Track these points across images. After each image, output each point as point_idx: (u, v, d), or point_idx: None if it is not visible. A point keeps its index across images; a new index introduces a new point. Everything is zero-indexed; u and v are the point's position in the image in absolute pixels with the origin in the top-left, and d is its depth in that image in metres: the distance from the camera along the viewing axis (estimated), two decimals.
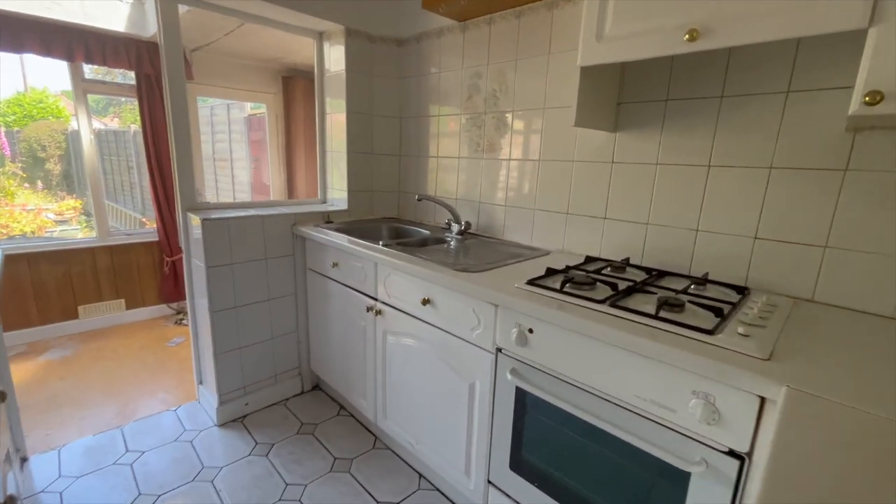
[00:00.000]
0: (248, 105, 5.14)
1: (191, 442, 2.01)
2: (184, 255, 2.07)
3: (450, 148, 2.20)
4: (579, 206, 1.70)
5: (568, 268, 1.42)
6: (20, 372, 2.77)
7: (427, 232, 2.18)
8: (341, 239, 1.89)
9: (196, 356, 2.20)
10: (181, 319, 3.67)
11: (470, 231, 2.10)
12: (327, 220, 2.28)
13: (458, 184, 2.18)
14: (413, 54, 2.31)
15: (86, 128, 3.27)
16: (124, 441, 2.01)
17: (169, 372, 2.81)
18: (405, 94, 2.41)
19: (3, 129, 10.53)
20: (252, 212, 2.11)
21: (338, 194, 2.47)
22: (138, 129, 3.58)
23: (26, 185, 8.39)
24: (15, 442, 1.74)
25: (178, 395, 2.49)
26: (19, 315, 3.14)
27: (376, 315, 1.75)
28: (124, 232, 3.58)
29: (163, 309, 3.79)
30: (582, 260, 1.60)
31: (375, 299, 1.77)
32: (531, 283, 1.27)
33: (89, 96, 3.30)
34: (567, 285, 1.23)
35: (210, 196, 5.65)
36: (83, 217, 7.81)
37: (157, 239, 3.66)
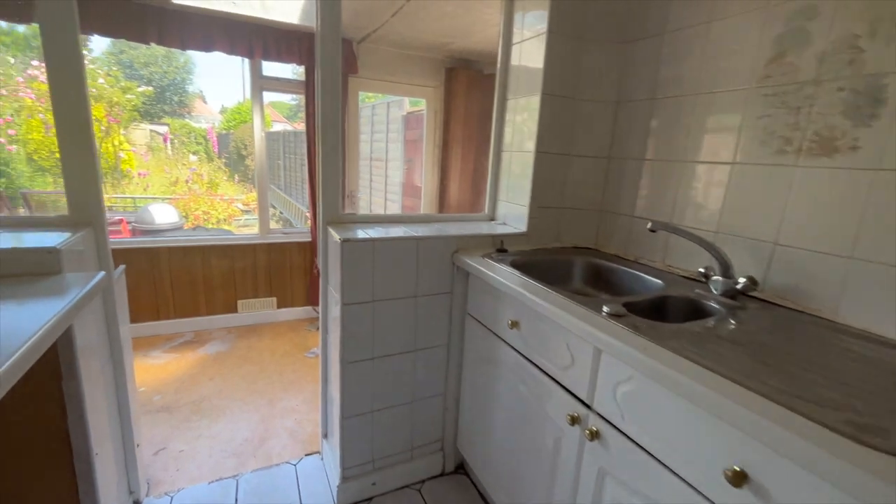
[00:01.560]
0: (407, 103, 4.91)
1: None
2: (321, 279, 1.64)
3: (712, 147, 1.32)
4: None
5: None
6: (182, 363, 2.82)
7: (658, 282, 1.34)
8: (529, 288, 1.19)
9: (323, 405, 1.77)
10: None
11: (753, 293, 1.19)
12: (500, 247, 1.61)
13: (725, 208, 1.29)
14: (653, 2, 1.49)
15: (258, 127, 3.26)
16: (236, 497, 1.67)
17: (303, 392, 2.55)
18: (631, 64, 1.59)
19: (215, 130, 12.86)
20: (403, 231, 1.56)
21: (512, 209, 1.79)
22: None
23: (225, 178, 10.01)
24: (129, 484, 1.49)
25: (305, 430, 2.16)
26: (191, 304, 3.28)
27: (588, 435, 1.00)
28: (281, 231, 3.55)
29: (308, 311, 3.69)
30: None
31: (588, 407, 1.02)
32: None
33: (283, 103, 3.31)
34: None
35: (363, 195, 5.67)
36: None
37: (309, 240, 3.55)
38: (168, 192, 8.01)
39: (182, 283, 3.22)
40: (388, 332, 1.51)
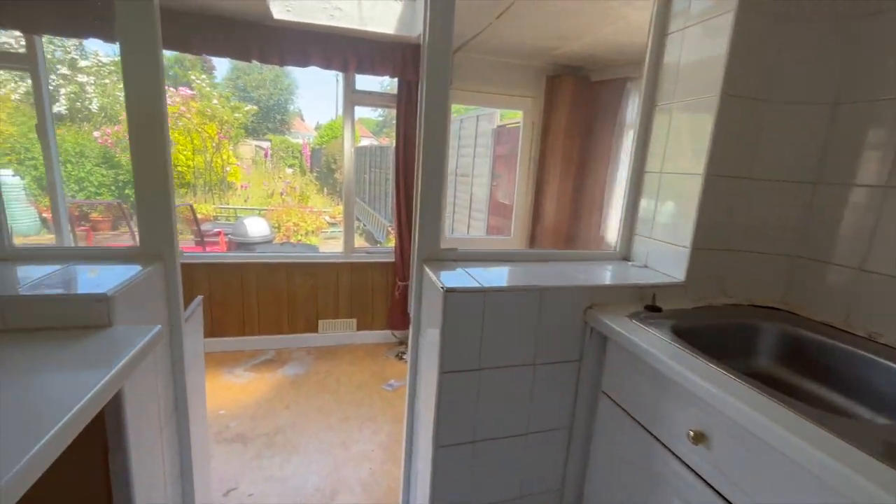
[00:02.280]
0: (498, 115, 4.61)
1: None
2: (411, 328, 1.34)
3: None
4: None
5: None
6: (261, 385, 2.72)
7: None
8: (735, 391, 0.76)
9: (406, 480, 1.46)
10: (402, 354, 3.25)
11: None
12: (651, 303, 1.18)
13: None
14: None
15: (349, 141, 3.15)
16: None
17: (378, 433, 2.30)
18: (864, 48, 1.09)
19: (309, 146, 13.67)
20: (519, 275, 1.21)
21: (658, 249, 1.35)
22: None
23: (315, 191, 10.52)
24: None
25: (380, 485, 1.89)
26: (274, 322, 3.23)
27: None
28: (365, 250, 3.39)
29: (387, 335, 3.48)
30: None
31: None
32: None
33: (370, 119, 3.21)
34: None
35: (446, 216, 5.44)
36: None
37: (392, 260, 3.35)
38: (265, 203, 8.57)
39: (267, 300, 3.18)
40: (496, 408, 1.15)
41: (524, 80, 3.32)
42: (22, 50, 2.49)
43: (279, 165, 12.17)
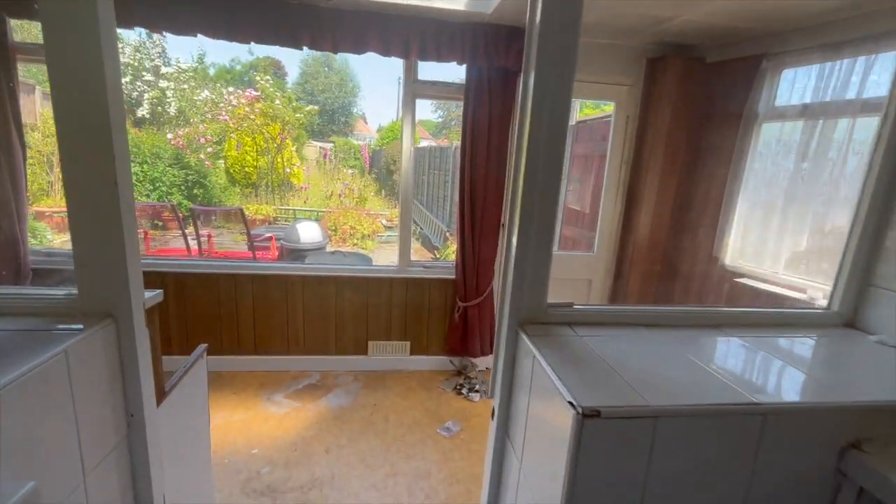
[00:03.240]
0: (577, 109, 4.01)
1: None
2: (493, 427, 0.86)
3: None
4: None
5: None
6: (301, 418, 2.38)
7: None
8: None
9: None
10: (461, 387, 2.79)
11: None
12: None
13: None
14: None
15: (408, 139, 2.74)
16: None
17: (433, 498, 1.84)
18: None
19: (369, 147, 13.70)
20: (693, 368, 0.69)
21: None
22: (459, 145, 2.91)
23: (373, 193, 10.38)
24: None
25: None
26: (321, 340, 2.91)
27: None
28: (422, 264, 2.97)
29: (443, 362, 3.04)
30: None
31: None
32: None
33: (430, 121, 2.81)
34: None
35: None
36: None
37: (453, 276, 2.91)
38: (323, 205, 8.54)
39: (314, 317, 2.86)
40: None
41: (619, 64, 2.72)
42: None
43: (339, 167, 12.27)
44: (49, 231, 5.48)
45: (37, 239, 4.95)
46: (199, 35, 2.28)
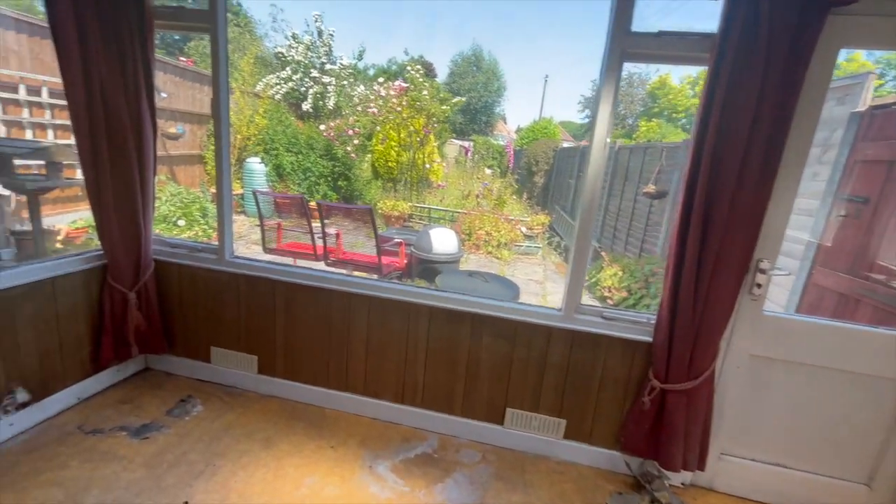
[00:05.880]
0: (868, 87, 2.52)
1: None
2: None
3: None
4: None
5: None
6: None
7: None
8: None
9: None
10: None
11: None
12: None
13: None
14: None
15: (603, 125, 1.79)
16: None
17: None
18: None
19: (513, 146, 12.92)
20: None
21: None
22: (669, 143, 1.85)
23: (514, 196, 9.53)
24: None
25: None
26: (442, 394, 2.17)
27: None
28: (600, 313, 1.99)
29: (615, 460, 2.03)
30: None
31: None
32: None
33: (572, 122, 1.83)
34: None
35: None
36: (547, 235, 7.87)
37: (648, 338, 1.88)
38: (459, 205, 8.03)
39: (439, 361, 2.13)
40: None
41: None
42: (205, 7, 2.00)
43: (479, 165, 11.77)
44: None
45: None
46: None
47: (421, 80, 8.18)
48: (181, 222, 5.26)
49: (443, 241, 3.45)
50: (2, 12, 4.27)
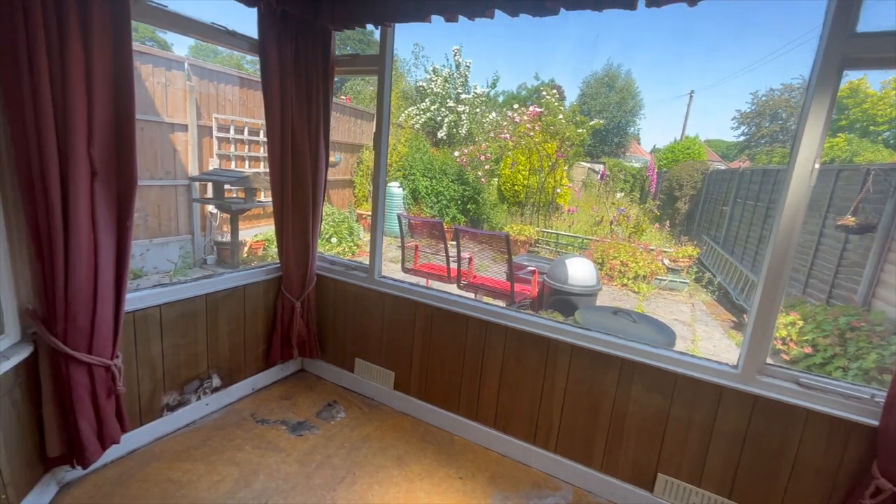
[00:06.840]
0: None
1: None
2: None
3: None
4: None
5: None
6: None
7: None
8: None
9: None
10: None
11: None
12: None
13: None
14: None
15: (813, 142, 1.47)
16: None
17: None
18: None
19: (656, 169, 11.81)
20: None
21: None
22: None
23: (657, 224, 8.62)
24: None
25: None
26: (579, 444, 1.96)
27: None
28: (795, 378, 1.59)
29: None
30: None
31: None
32: None
33: (721, 141, 1.50)
34: None
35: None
36: (694, 269, 6.88)
37: (871, 420, 1.42)
38: (589, 231, 7.57)
39: (579, 407, 1.95)
40: None
41: None
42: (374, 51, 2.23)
43: (612, 189, 11.02)
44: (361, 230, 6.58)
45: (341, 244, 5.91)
46: (496, 12, 1.72)
47: (556, 104, 8.05)
48: (333, 240, 5.96)
49: (580, 271, 3.24)
50: (228, 71, 5.49)
